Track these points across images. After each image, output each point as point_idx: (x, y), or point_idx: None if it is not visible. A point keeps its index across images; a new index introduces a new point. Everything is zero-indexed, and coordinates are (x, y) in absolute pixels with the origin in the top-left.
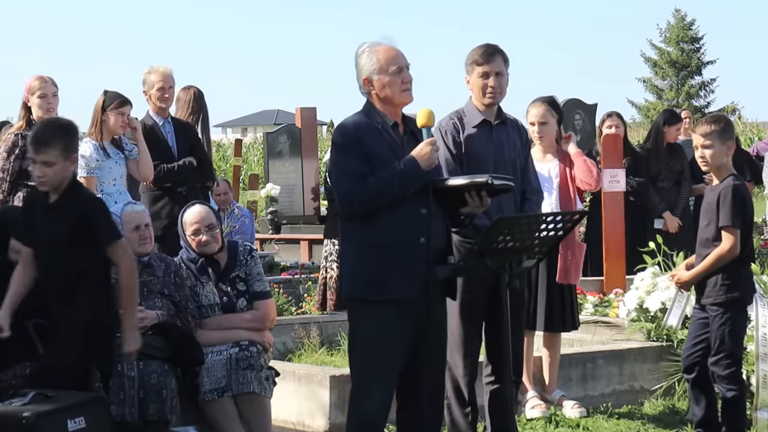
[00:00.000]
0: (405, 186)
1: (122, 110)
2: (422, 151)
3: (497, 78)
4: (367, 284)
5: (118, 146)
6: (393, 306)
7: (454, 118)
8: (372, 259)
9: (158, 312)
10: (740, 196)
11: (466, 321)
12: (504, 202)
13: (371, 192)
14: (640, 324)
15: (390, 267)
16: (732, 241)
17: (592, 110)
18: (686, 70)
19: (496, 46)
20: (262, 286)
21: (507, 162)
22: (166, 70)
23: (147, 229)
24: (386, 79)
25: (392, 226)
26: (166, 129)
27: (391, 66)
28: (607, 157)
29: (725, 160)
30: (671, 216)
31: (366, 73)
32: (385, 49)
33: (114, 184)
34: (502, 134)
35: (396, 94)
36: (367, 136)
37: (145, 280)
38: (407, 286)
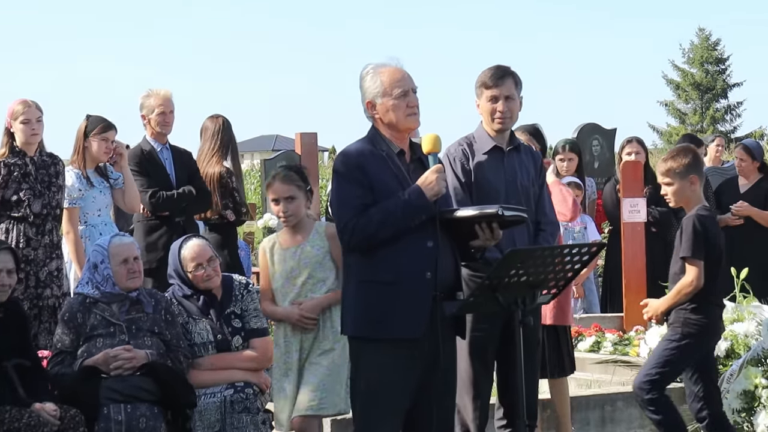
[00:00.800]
0: (409, 217)
1: (106, 135)
2: (427, 179)
3: (507, 102)
4: (369, 322)
5: (103, 174)
6: (398, 345)
7: (464, 144)
8: (375, 295)
9: (147, 351)
10: (702, 227)
11: (476, 360)
12: (517, 234)
13: (373, 224)
14: None
15: (394, 304)
16: (694, 273)
17: (610, 135)
18: (711, 92)
19: (506, 68)
20: (259, 323)
21: (520, 191)
22: (167, 93)
23: (136, 262)
24: (390, 102)
25: (396, 260)
26: (164, 155)
27: (395, 89)
28: (627, 185)
29: (689, 193)
30: None
31: (369, 96)
32: (391, 71)
33: (99, 215)
34: (514, 161)
35: (401, 119)
36: (370, 165)
37: (133, 317)
38: (413, 324)
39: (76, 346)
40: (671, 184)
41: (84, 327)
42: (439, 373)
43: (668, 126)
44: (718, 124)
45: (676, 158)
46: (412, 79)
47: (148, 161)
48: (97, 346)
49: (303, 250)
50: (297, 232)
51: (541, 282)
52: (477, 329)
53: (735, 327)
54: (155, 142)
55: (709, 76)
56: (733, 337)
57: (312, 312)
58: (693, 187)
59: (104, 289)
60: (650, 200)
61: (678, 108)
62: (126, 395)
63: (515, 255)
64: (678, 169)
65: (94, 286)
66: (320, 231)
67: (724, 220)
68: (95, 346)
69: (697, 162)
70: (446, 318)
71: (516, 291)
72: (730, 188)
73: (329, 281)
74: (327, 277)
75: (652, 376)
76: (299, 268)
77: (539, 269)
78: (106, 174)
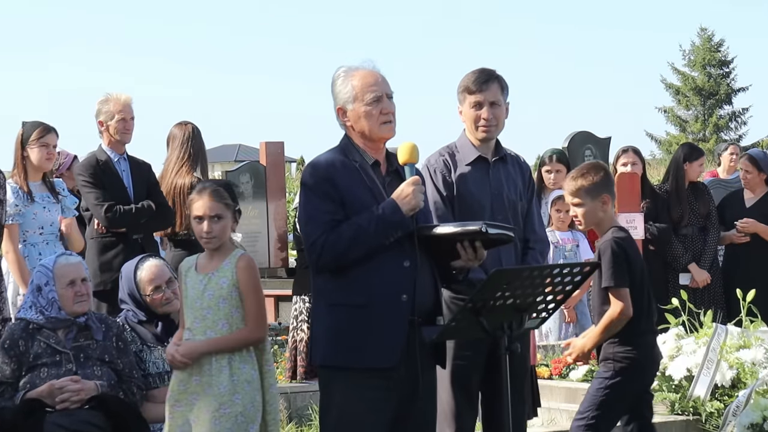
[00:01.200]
0: (383, 234)
1: (45, 140)
2: (403, 192)
3: (492, 108)
4: (339, 350)
5: (51, 189)
6: (371, 375)
7: (445, 154)
8: (346, 320)
9: (97, 382)
10: (622, 250)
11: (459, 391)
12: (503, 253)
13: (343, 241)
14: (662, 394)
15: (366, 330)
16: (620, 303)
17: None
18: (714, 98)
19: (491, 71)
20: None
21: (507, 205)
22: (127, 98)
23: (84, 284)
24: (362, 109)
25: (369, 281)
26: (121, 166)
27: (367, 94)
28: (623, 199)
29: (601, 215)
30: (698, 268)
31: (340, 102)
32: (363, 74)
33: (40, 233)
34: (500, 173)
35: (373, 127)
36: (341, 177)
37: (81, 345)
38: (387, 352)
39: (18, 377)
40: (581, 205)
41: (26, 356)
42: (417, 405)
43: (667, 134)
44: (722, 132)
45: (586, 176)
46: (388, 83)
47: (103, 172)
48: (41, 377)
49: (211, 279)
50: (214, 258)
51: (529, 305)
52: (459, 357)
53: (741, 354)
54: (112, 151)
55: (712, 80)
56: (740, 365)
57: (186, 357)
58: (605, 207)
59: (49, 314)
60: (648, 215)
61: (678, 115)
62: (73, 431)
63: (501, 275)
64: (588, 187)
65: (37, 310)
66: (233, 261)
67: (728, 237)
68: (39, 376)
69: (608, 180)
70: (425, 345)
71: (502, 315)
72: (734, 202)
73: (234, 320)
74: (231, 315)
75: (588, 420)
76: (203, 299)
77: (527, 291)
78: (55, 190)
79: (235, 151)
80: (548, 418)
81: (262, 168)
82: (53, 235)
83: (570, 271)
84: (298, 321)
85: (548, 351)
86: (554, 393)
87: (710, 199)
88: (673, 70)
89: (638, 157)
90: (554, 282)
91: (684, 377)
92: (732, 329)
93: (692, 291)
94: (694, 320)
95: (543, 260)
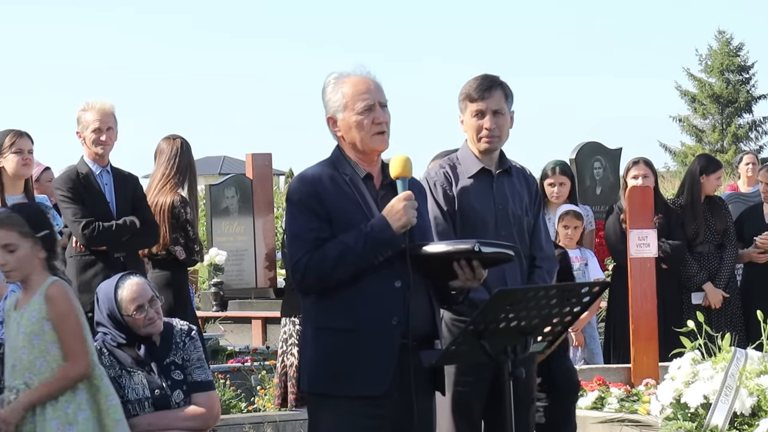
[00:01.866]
0: (372, 253)
1: (19, 147)
2: (394, 208)
3: (495, 118)
4: (326, 376)
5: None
6: (361, 403)
7: (446, 166)
8: (333, 345)
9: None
10: None
11: (461, 419)
12: (508, 271)
13: (329, 261)
14: (677, 423)
15: (355, 356)
16: None
17: (615, 156)
18: (732, 106)
19: (494, 78)
20: (203, 375)
21: (512, 221)
22: (105, 106)
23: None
24: (353, 118)
25: (357, 303)
26: (103, 179)
27: (358, 102)
28: (635, 215)
29: None
30: (713, 288)
31: (330, 111)
32: (355, 81)
33: None
34: (505, 186)
35: (365, 138)
36: (327, 192)
37: None
38: (376, 379)
39: None
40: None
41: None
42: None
43: (683, 145)
44: (741, 143)
45: None
46: (382, 90)
47: (83, 186)
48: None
49: (23, 315)
50: (27, 291)
51: (534, 327)
52: (460, 383)
53: (762, 380)
54: (94, 164)
55: (731, 86)
56: (761, 392)
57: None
58: None
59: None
60: (661, 232)
61: (694, 124)
62: None
63: (504, 295)
64: None
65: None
66: (42, 291)
67: (747, 255)
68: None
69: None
70: (420, 370)
71: (505, 338)
72: (754, 217)
73: (51, 357)
74: (47, 352)
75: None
76: (17, 339)
77: (532, 312)
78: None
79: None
80: None
81: (248, 181)
82: None
83: (578, 292)
84: (288, 345)
85: None
86: None
87: (728, 215)
88: (689, 76)
89: (650, 170)
90: (561, 303)
91: (700, 405)
92: (752, 353)
93: (709, 312)
94: (711, 344)
95: (550, 279)
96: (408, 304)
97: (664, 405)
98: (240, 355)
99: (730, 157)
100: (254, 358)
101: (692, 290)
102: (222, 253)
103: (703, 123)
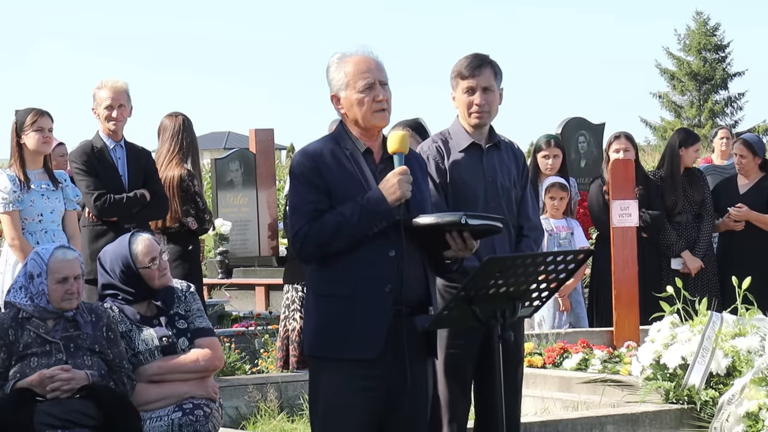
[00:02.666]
0: (366, 224)
1: (40, 125)
2: (389, 182)
3: (485, 94)
4: (323, 340)
5: (51, 177)
6: (356, 365)
7: (438, 141)
8: (332, 310)
9: (88, 372)
10: None
11: (452, 381)
12: (497, 241)
13: (326, 231)
14: (656, 383)
15: (350, 321)
16: None
17: (598, 131)
18: (709, 83)
19: (485, 57)
20: (204, 323)
21: (500, 192)
22: (118, 84)
23: (77, 282)
24: (354, 96)
25: (354, 271)
26: (117, 154)
27: (359, 81)
28: (617, 186)
29: None
30: (691, 255)
31: (334, 89)
32: (357, 60)
33: (40, 221)
34: (494, 160)
35: (366, 115)
36: (328, 166)
37: (71, 335)
38: (369, 343)
39: (8, 366)
40: None
41: (16, 345)
42: (408, 397)
43: (662, 120)
44: (718, 118)
45: None
46: (383, 69)
47: (97, 160)
48: (31, 366)
49: None
50: None
51: (522, 293)
52: (452, 346)
53: (737, 342)
54: (108, 138)
55: (708, 64)
56: (735, 353)
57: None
58: None
59: (38, 303)
60: (641, 202)
61: (673, 100)
62: (64, 420)
63: (494, 263)
64: None
65: (27, 295)
66: None
67: (725, 224)
68: (29, 366)
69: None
70: (414, 336)
71: (495, 303)
72: (728, 188)
73: None
74: None
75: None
76: None
77: (520, 279)
78: (54, 178)
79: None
80: (542, 407)
81: (251, 155)
82: (54, 223)
83: (564, 259)
84: (290, 310)
85: (542, 339)
86: (548, 382)
87: (705, 186)
88: (668, 54)
89: (631, 143)
90: (548, 270)
91: (679, 366)
92: (727, 317)
93: (687, 278)
94: (689, 308)
95: (537, 248)
96: (402, 272)
97: (644, 366)
98: (244, 320)
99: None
100: (258, 322)
101: (671, 257)
102: (227, 223)
103: (682, 99)
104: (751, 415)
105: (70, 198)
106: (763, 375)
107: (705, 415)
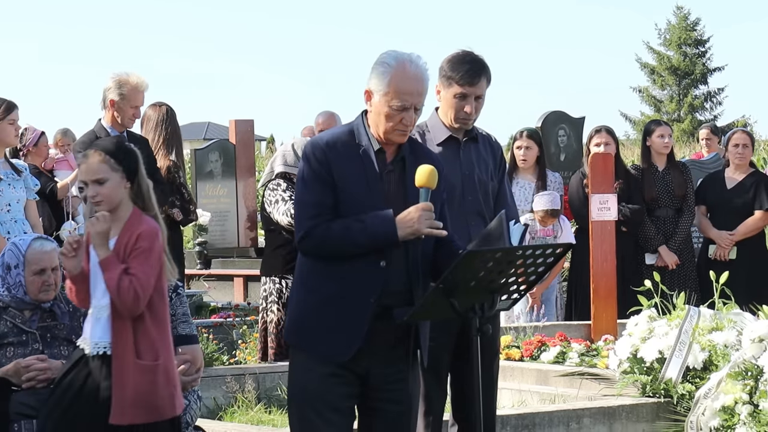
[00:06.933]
0: (371, 246)
1: (11, 117)
2: (409, 215)
3: (476, 102)
4: (301, 331)
5: (13, 167)
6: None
7: (415, 134)
8: (312, 304)
9: (64, 362)
10: None
11: (428, 373)
12: (474, 233)
13: (330, 241)
14: (633, 376)
15: (329, 321)
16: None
17: (578, 125)
18: (689, 78)
19: (481, 64)
20: (188, 329)
21: (477, 186)
22: (143, 84)
23: (54, 273)
24: (385, 108)
25: (341, 275)
26: None
27: (396, 100)
28: (596, 179)
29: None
30: (667, 251)
31: (371, 86)
32: (404, 77)
33: (8, 211)
34: (471, 153)
35: (387, 129)
36: (339, 161)
37: (48, 325)
38: (342, 348)
39: None
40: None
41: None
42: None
43: (642, 114)
44: (697, 113)
45: None
46: (424, 93)
47: None
48: (7, 356)
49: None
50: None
51: (501, 286)
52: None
53: (714, 336)
54: (111, 128)
55: (688, 59)
56: (712, 347)
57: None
58: None
59: (15, 293)
60: (621, 196)
61: (653, 95)
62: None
63: (473, 256)
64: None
65: (5, 285)
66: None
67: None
68: (5, 355)
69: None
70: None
71: (474, 296)
72: (715, 184)
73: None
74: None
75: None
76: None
77: (500, 272)
78: (15, 167)
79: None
80: (519, 400)
81: (231, 146)
82: (21, 213)
83: (543, 253)
84: (268, 302)
85: (519, 333)
86: (525, 375)
87: (689, 180)
88: (649, 49)
89: (611, 137)
90: (526, 263)
91: (656, 359)
92: (705, 311)
93: (665, 273)
94: (667, 302)
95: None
96: (387, 283)
97: (621, 359)
98: (222, 311)
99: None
100: (236, 313)
101: (649, 252)
102: (206, 214)
103: (662, 94)
104: (727, 409)
105: (30, 187)
106: (739, 369)
107: (681, 409)
